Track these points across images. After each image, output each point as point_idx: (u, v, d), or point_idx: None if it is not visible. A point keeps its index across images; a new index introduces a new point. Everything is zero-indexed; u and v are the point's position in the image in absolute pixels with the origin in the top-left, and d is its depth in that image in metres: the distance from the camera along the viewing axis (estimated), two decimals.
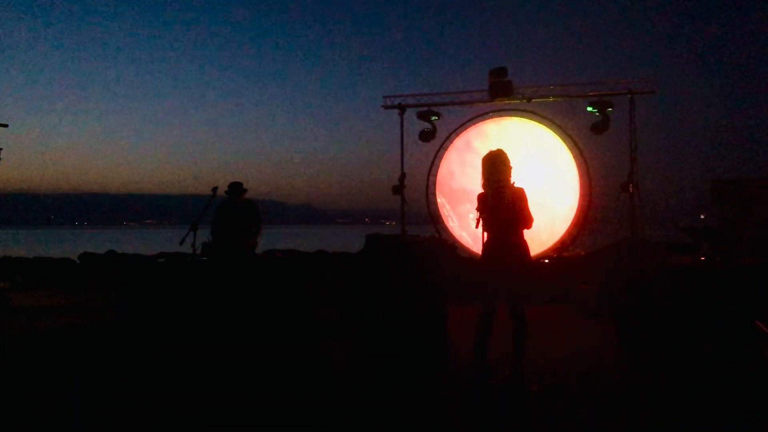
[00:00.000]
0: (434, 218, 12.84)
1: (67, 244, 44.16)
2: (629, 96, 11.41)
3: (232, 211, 7.30)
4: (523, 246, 4.81)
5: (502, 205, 4.74)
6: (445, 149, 12.79)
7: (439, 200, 12.84)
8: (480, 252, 5.02)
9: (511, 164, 4.93)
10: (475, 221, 4.87)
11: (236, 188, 7.42)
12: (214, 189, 6.90)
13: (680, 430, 3.89)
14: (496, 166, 4.89)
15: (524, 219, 4.78)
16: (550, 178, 11.81)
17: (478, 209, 4.87)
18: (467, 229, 12.25)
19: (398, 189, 12.84)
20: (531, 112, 12.08)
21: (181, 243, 6.35)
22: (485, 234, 4.87)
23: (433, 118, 12.70)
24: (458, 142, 12.73)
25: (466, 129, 12.65)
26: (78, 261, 13.82)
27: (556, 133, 11.86)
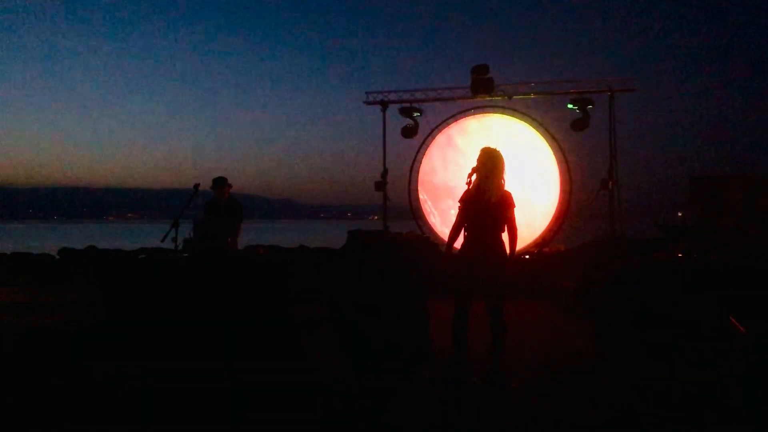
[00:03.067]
0: (416, 214, 12.89)
1: (46, 239, 43.66)
2: (609, 94, 11.51)
3: (219, 210, 7.34)
4: (502, 246, 4.84)
5: (490, 205, 4.75)
6: (427, 145, 12.83)
7: (421, 196, 12.88)
8: (458, 248, 5.03)
9: (506, 166, 4.92)
10: (456, 218, 4.89)
11: (220, 183, 7.43)
12: (196, 186, 6.89)
13: (658, 424, 3.96)
14: (493, 165, 4.87)
15: (510, 227, 4.81)
16: (530, 174, 11.89)
17: (461, 201, 4.87)
18: (449, 226, 12.31)
19: (380, 185, 12.87)
20: (512, 109, 12.15)
21: (163, 240, 6.34)
22: (465, 232, 4.88)
23: (416, 114, 12.72)
24: (440, 139, 12.77)
25: (448, 125, 12.70)
26: (57, 256, 13.68)
27: (536, 129, 11.94)
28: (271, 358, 5.34)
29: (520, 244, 11.59)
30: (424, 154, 12.86)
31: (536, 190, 11.89)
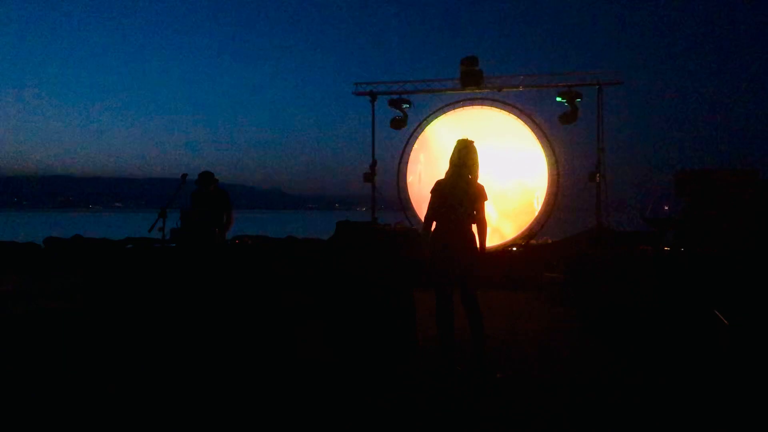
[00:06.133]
0: (405, 205, 12.92)
1: (31, 228, 43.28)
2: (597, 87, 11.57)
3: (205, 199, 7.31)
4: (472, 236, 4.86)
5: (463, 196, 4.77)
6: (416, 137, 12.85)
7: (409, 188, 12.91)
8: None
9: (479, 158, 4.96)
10: (428, 207, 4.89)
11: (206, 179, 7.41)
12: (184, 176, 6.89)
13: (643, 416, 4.01)
14: (467, 156, 4.89)
15: (480, 219, 4.84)
16: (518, 167, 11.96)
17: (432, 191, 4.88)
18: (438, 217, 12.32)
19: (369, 176, 12.87)
20: (501, 101, 12.20)
21: (150, 230, 6.32)
22: (435, 223, 4.88)
23: (405, 105, 12.73)
24: (429, 131, 12.80)
25: (437, 117, 12.72)
26: (43, 246, 13.58)
27: (525, 122, 12.00)
28: (258, 349, 5.35)
29: (509, 236, 11.78)
30: (413, 146, 12.88)
31: (524, 183, 11.96)
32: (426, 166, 12.76)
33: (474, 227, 4.89)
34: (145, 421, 3.88)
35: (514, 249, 11.42)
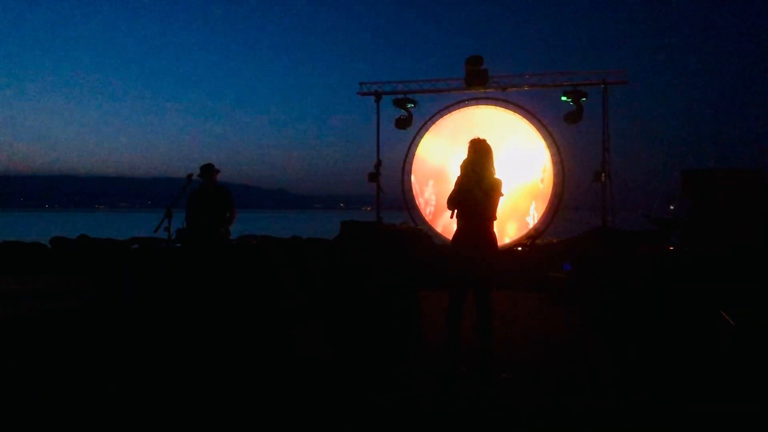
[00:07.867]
0: (409, 206, 12.89)
1: (38, 228, 43.41)
2: (603, 86, 11.53)
3: (206, 198, 7.30)
4: (493, 235, 4.86)
5: (483, 195, 4.76)
6: (421, 137, 12.82)
7: (414, 188, 12.88)
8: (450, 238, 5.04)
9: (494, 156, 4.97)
10: (451, 212, 4.89)
11: (208, 170, 7.41)
12: (189, 176, 6.90)
13: (647, 417, 4.00)
14: (484, 156, 4.90)
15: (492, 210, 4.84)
16: (523, 166, 11.92)
17: (455, 191, 4.87)
18: (442, 216, 12.32)
19: (374, 176, 12.84)
20: (506, 100, 12.16)
21: (156, 231, 6.34)
22: (457, 222, 4.89)
23: (409, 105, 12.70)
24: (434, 130, 12.77)
25: (442, 117, 12.69)
26: (49, 245, 13.62)
27: (530, 122, 11.96)
28: (259, 349, 5.36)
29: (514, 236, 11.75)
30: (417, 146, 12.85)
31: (529, 182, 11.92)
32: (431, 165, 12.74)
33: (494, 226, 4.89)
34: (146, 421, 3.88)
35: (519, 249, 11.39)
